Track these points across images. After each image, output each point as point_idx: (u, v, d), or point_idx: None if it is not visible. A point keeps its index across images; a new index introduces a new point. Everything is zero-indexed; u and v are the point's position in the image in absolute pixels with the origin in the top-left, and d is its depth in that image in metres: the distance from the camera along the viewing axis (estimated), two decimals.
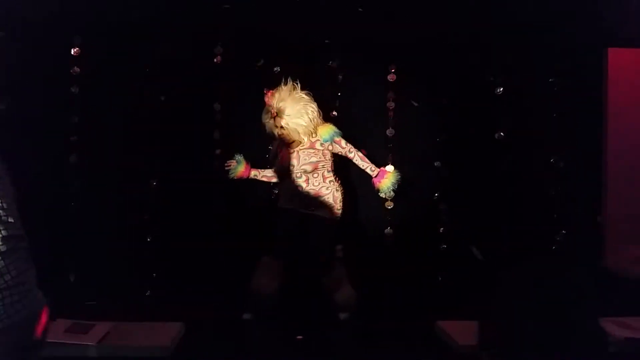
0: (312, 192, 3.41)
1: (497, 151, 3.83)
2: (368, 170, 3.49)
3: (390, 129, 3.90)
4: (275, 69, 3.81)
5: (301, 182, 3.42)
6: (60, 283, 3.51)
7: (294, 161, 3.43)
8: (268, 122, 3.44)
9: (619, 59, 3.82)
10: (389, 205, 3.87)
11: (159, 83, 3.75)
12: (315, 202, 3.39)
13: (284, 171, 3.46)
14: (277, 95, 3.41)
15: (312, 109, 3.40)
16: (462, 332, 2.84)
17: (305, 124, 3.37)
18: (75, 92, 3.76)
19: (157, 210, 3.75)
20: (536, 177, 3.85)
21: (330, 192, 3.44)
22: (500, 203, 3.78)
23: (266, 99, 3.44)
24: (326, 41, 3.86)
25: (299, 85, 3.42)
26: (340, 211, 3.46)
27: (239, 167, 3.58)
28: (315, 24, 3.80)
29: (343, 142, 3.46)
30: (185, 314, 3.10)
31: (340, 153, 3.48)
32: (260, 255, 3.42)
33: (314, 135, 3.43)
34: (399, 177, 3.47)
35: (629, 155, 3.79)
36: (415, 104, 3.89)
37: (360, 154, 3.50)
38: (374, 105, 3.93)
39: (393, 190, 3.47)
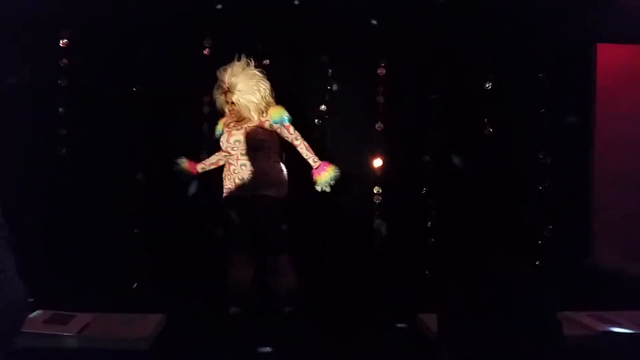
0: (257, 170, 3.30)
1: (485, 146, 3.82)
2: (310, 161, 3.40)
3: (380, 123, 3.89)
4: (265, 61, 3.79)
5: (247, 160, 3.31)
6: (42, 274, 3.50)
7: (241, 137, 3.33)
8: (219, 97, 3.40)
9: (608, 54, 3.81)
10: (377, 198, 3.87)
11: (147, 76, 3.75)
12: (261, 181, 3.29)
13: (231, 148, 3.36)
14: (229, 70, 3.34)
15: (264, 86, 3.34)
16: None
17: (256, 101, 3.31)
18: (63, 85, 3.76)
19: (143, 202, 3.75)
20: (524, 173, 3.84)
21: (275, 171, 3.34)
22: (489, 198, 3.76)
23: (218, 74, 3.37)
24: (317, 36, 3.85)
25: (252, 61, 3.37)
26: (286, 191, 3.37)
27: (183, 168, 3.48)
28: (307, 17, 3.78)
29: (292, 128, 3.38)
30: (167, 306, 3.09)
31: (286, 138, 3.39)
32: (227, 252, 3.35)
33: (264, 115, 3.36)
34: (338, 173, 3.37)
35: (618, 150, 3.79)
36: None
37: (305, 143, 3.41)
38: (363, 99, 3.92)
39: (330, 185, 3.37)
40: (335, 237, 3.82)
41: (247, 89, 3.29)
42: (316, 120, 3.93)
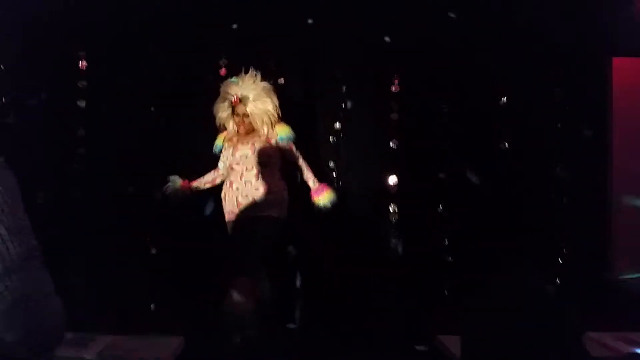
0: (262, 188, 3.23)
1: (502, 161, 3.79)
2: (310, 182, 3.38)
3: (394, 140, 3.89)
4: (280, 80, 3.82)
5: (252, 175, 3.24)
6: (61, 296, 3.50)
7: (249, 152, 3.26)
8: (225, 111, 3.36)
9: (624, 68, 3.78)
10: (394, 214, 3.85)
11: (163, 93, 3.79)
12: (266, 200, 3.22)
13: (236, 163, 3.28)
14: (239, 82, 3.32)
15: (275, 98, 3.33)
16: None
17: (272, 111, 3.28)
18: (82, 106, 3.82)
19: (161, 223, 3.77)
20: (541, 187, 3.81)
21: (279, 190, 3.30)
22: (506, 214, 3.73)
23: (224, 88, 3.35)
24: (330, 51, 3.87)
25: (259, 74, 3.35)
26: (287, 211, 3.30)
27: (176, 186, 3.44)
28: (320, 34, 3.81)
29: (294, 147, 3.38)
30: (186, 328, 3.09)
31: (288, 157, 3.37)
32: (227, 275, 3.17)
33: (271, 131, 3.32)
34: (335, 197, 3.37)
35: (636, 164, 3.74)
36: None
37: (306, 164, 3.40)
38: (377, 116, 3.93)
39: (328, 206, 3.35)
40: (351, 256, 3.79)
41: (260, 100, 3.28)
42: (330, 138, 3.94)
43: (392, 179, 3.88)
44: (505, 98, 3.81)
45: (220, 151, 3.45)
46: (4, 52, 3.65)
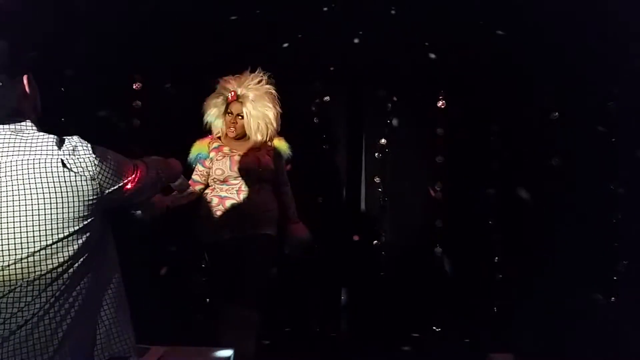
0: (261, 205, 2.87)
1: (554, 179, 3.71)
2: (290, 213, 2.99)
3: (440, 156, 3.88)
4: (325, 98, 3.88)
5: (251, 191, 2.84)
6: None
7: (251, 165, 2.86)
8: (217, 107, 2.93)
9: None
10: (440, 232, 3.82)
11: None
12: (264, 217, 2.87)
13: (233, 178, 2.86)
14: (239, 80, 2.91)
15: (278, 108, 2.91)
16: None
17: (270, 117, 2.85)
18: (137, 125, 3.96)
19: None
20: (595, 205, 3.70)
21: (275, 207, 2.94)
22: (558, 231, 3.64)
23: (222, 83, 2.94)
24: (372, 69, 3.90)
25: (266, 78, 2.94)
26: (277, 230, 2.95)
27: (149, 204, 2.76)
28: (364, 52, 3.84)
29: (285, 168, 3.05)
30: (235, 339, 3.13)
31: (275, 177, 2.97)
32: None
33: (267, 142, 2.94)
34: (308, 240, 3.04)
35: None
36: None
37: (291, 192, 3.03)
38: (423, 132, 3.93)
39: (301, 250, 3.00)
40: (398, 271, 3.80)
41: (260, 102, 2.86)
42: (376, 154, 3.96)
43: (438, 194, 3.85)
44: (555, 113, 3.74)
45: (202, 160, 2.94)
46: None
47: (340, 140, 3.98)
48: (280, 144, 3.00)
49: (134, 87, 3.97)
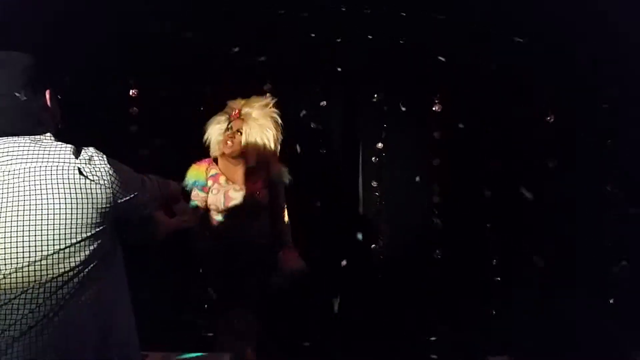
0: (258, 229, 2.86)
1: (550, 181, 3.73)
2: (285, 239, 2.90)
3: (437, 159, 3.89)
4: (322, 103, 3.89)
5: (246, 223, 2.83)
6: None
7: (247, 202, 2.79)
8: (218, 124, 2.89)
9: None
10: (437, 233, 3.83)
11: None
12: (253, 246, 2.85)
13: (225, 211, 2.82)
14: (246, 101, 2.89)
15: (279, 132, 2.87)
16: None
17: (270, 139, 2.80)
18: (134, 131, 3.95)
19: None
20: (591, 206, 3.71)
21: (268, 234, 2.90)
22: (554, 234, 3.65)
23: (230, 104, 2.93)
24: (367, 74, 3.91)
25: (272, 101, 2.92)
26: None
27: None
28: (359, 54, 3.85)
29: (283, 193, 2.95)
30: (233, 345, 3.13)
31: (270, 201, 2.89)
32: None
33: (267, 170, 2.87)
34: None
35: None
36: None
37: (287, 216, 2.97)
38: (420, 136, 3.94)
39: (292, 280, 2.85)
40: (396, 274, 3.80)
41: (263, 121, 2.81)
42: (373, 158, 3.97)
43: (435, 197, 3.86)
44: (551, 115, 3.76)
45: (201, 185, 2.88)
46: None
47: (337, 145, 3.98)
48: (279, 171, 2.92)
49: (131, 93, 3.97)
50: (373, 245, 3.91)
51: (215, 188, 2.85)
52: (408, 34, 3.80)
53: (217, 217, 2.89)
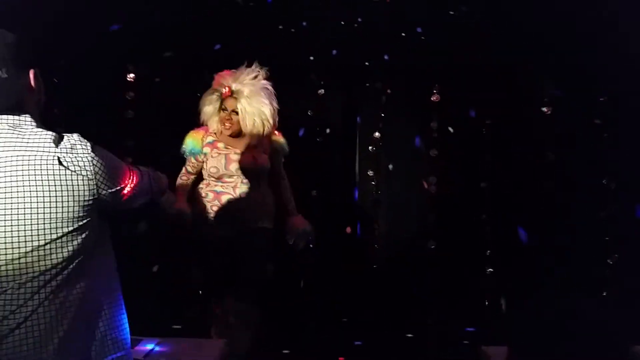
0: (256, 200, 2.86)
1: (546, 172, 3.73)
2: (290, 207, 2.99)
3: (434, 149, 3.89)
4: (320, 91, 3.87)
5: (247, 187, 2.83)
6: None
7: (248, 164, 2.81)
8: (212, 104, 2.85)
9: None
10: (433, 224, 3.84)
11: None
12: (260, 211, 2.89)
13: (228, 176, 2.84)
14: (234, 75, 2.82)
15: (275, 104, 2.83)
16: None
17: (267, 113, 2.76)
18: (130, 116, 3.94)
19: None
20: (587, 200, 3.72)
21: (271, 200, 2.95)
22: (550, 226, 3.67)
23: (217, 78, 2.87)
24: (366, 63, 3.89)
25: (263, 73, 2.85)
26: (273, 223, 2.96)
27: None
28: (358, 45, 3.83)
29: (282, 163, 3.01)
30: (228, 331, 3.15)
31: (271, 172, 2.95)
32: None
33: (263, 138, 2.87)
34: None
35: None
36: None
37: (290, 185, 3.02)
38: (417, 125, 3.94)
39: (304, 240, 2.97)
40: (391, 264, 3.82)
41: (255, 98, 2.77)
42: (370, 148, 3.97)
43: (432, 187, 3.87)
44: (549, 107, 3.75)
45: (195, 154, 2.92)
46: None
47: (334, 134, 3.97)
48: (278, 139, 2.97)
49: (128, 78, 3.95)
50: (368, 235, 3.92)
51: (214, 152, 2.88)
52: (407, 24, 3.79)
53: (215, 183, 2.90)
